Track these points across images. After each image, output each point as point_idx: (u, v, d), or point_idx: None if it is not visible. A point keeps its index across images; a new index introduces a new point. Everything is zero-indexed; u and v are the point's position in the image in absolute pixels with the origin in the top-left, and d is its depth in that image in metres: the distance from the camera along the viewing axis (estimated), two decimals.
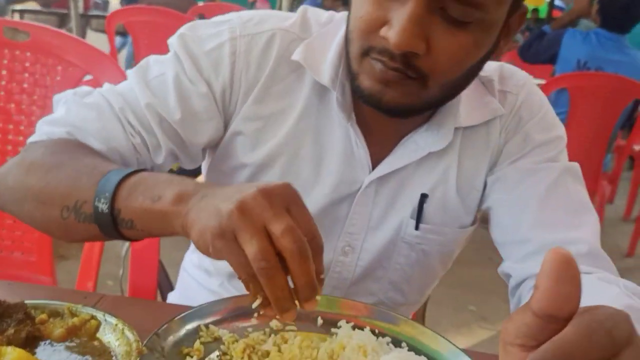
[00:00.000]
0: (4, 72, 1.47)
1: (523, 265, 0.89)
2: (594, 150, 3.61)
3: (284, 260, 0.59)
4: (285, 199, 0.62)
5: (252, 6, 7.33)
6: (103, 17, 5.72)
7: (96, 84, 1.37)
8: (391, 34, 0.74)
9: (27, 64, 1.47)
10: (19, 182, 0.82)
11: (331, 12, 0.99)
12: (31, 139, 0.90)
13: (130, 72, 0.93)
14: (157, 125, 0.89)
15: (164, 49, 0.95)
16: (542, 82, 3.38)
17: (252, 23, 0.93)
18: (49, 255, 1.49)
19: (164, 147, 0.90)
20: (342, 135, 0.92)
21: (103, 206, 0.72)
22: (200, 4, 5.77)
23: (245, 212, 0.59)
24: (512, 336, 0.44)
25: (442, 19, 0.75)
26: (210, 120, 0.92)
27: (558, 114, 3.23)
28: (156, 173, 0.75)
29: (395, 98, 0.81)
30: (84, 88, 0.93)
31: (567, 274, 0.41)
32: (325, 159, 0.94)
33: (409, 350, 0.73)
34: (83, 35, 5.60)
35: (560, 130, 0.99)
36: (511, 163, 0.95)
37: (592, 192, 3.91)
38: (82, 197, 0.75)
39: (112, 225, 0.72)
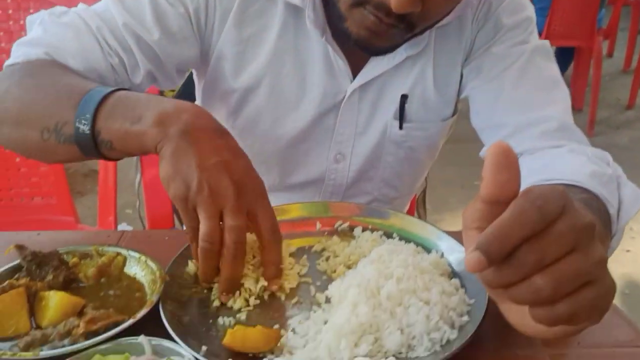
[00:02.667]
0: None
1: None
2: (587, 7, 3.55)
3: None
4: (253, 197, 0.68)
5: None
6: None
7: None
8: None
9: (10, 12, 1.49)
10: None
11: None
12: (8, 62, 0.90)
13: None
14: (134, 44, 0.91)
15: None
16: None
17: None
18: (67, 195, 1.57)
19: (142, 67, 0.93)
20: (320, 50, 0.96)
21: (84, 127, 0.73)
22: None
23: (211, 193, 0.65)
24: (469, 221, 0.50)
25: None
26: (185, 40, 0.95)
27: None
28: (136, 93, 0.77)
29: (382, 44, 0.87)
30: (59, 8, 0.93)
31: (505, 162, 0.47)
32: (307, 75, 0.98)
33: (399, 240, 0.82)
34: None
35: (529, 10, 1.02)
36: (484, 51, 0.99)
37: (588, 50, 3.89)
38: (62, 119, 0.76)
39: (93, 145, 0.74)
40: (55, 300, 0.67)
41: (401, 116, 1.01)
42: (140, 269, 0.75)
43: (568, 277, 0.45)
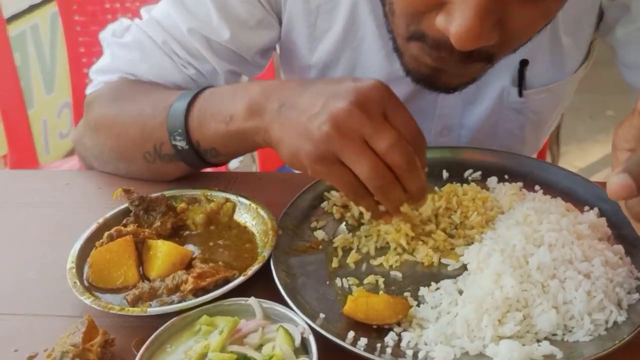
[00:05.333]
0: None
1: None
2: None
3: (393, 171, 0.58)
4: (380, 104, 0.58)
5: None
6: None
7: None
8: (452, 29, 0.54)
9: None
10: (93, 143, 0.82)
11: None
12: (89, 90, 0.88)
13: None
14: (206, 49, 0.82)
15: None
16: None
17: None
18: None
19: (221, 70, 0.85)
20: None
21: (181, 143, 0.71)
22: None
23: (343, 132, 0.56)
24: (622, 140, 0.44)
25: None
26: (260, 24, 0.83)
27: None
28: (216, 89, 0.72)
29: (451, 80, 0.67)
30: (121, 24, 0.87)
31: None
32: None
33: (544, 194, 0.70)
34: None
35: None
36: None
37: None
38: (158, 140, 0.73)
39: (197, 157, 0.72)
40: (163, 251, 0.62)
41: (520, 83, 0.85)
42: (250, 217, 0.70)
43: None
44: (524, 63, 0.83)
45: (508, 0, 0.55)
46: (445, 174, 0.76)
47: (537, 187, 0.71)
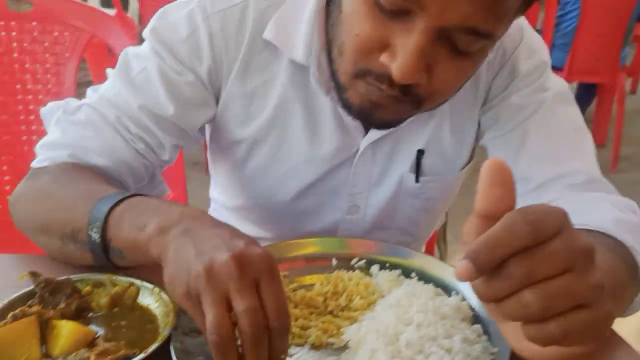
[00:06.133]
0: (14, 45, 1.51)
1: (526, 201, 0.90)
2: (610, 44, 3.54)
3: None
4: (258, 270, 0.58)
5: None
6: None
7: (104, 44, 1.42)
8: (395, 66, 0.70)
9: (36, 33, 1.50)
10: (26, 211, 0.84)
11: None
12: (35, 164, 0.90)
13: (111, 73, 0.92)
14: (154, 125, 0.89)
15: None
16: None
17: None
18: None
19: (167, 144, 0.91)
20: (330, 104, 0.91)
21: (95, 235, 0.73)
22: None
23: (211, 278, 0.57)
24: (465, 235, 0.50)
25: (446, 49, 0.71)
26: (204, 104, 0.92)
27: (571, 10, 3.20)
28: (147, 199, 0.74)
29: (386, 116, 0.81)
30: (72, 103, 0.92)
31: (500, 178, 0.48)
32: (318, 129, 0.93)
33: (418, 280, 0.80)
34: None
35: (544, 53, 0.98)
36: (502, 100, 0.95)
37: (611, 87, 3.87)
38: (77, 225, 0.76)
39: (103, 254, 0.74)
40: (67, 330, 0.65)
41: (417, 170, 0.98)
42: (153, 300, 0.74)
43: (559, 296, 0.46)
44: (420, 152, 0.97)
45: (438, 52, 0.71)
46: (334, 262, 0.84)
47: (412, 274, 0.81)
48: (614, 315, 0.50)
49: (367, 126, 0.93)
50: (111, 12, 3.46)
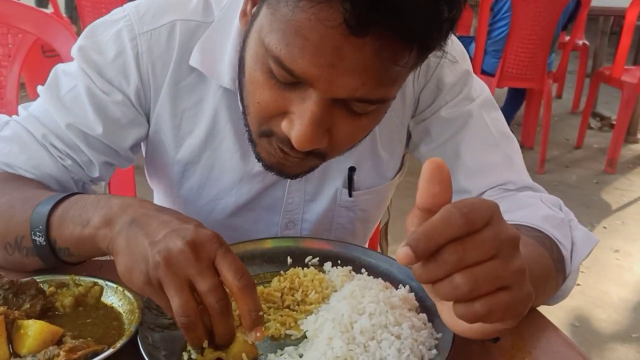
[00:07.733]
0: None
1: None
2: (538, 51, 3.72)
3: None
4: (211, 250, 0.64)
5: None
6: None
7: (49, 47, 1.41)
8: (293, 134, 0.72)
9: None
10: None
11: None
12: None
13: (41, 90, 0.92)
14: (82, 142, 0.90)
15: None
16: None
17: (149, 16, 0.90)
18: None
19: (96, 162, 0.92)
20: None
21: (40, 239, 0.76)
22: None
23: (170, 267, 0.62)
24: (409, 225, 0.57)
25: (343, 111, 0.73)
26: (132, 123, 0.93)
27: (502, 18, 3.35)
28: (85, 196, 0.77)
29: (294, 171, 0.84)
30: (1, 118, 0.93)
31: (439, 176, 0.54)
32: (249, 149, 0.91)
33: (368, 275, 0.86)
34: None
35: (466, 62, 1.01)
36: (432, 113, 0.99)
37: (539, 91, 4.07)
38: (20, 233, 0.78)
39: (52, 254, 0.77)
40: (34, 329, 0.67)
41: (350, 185, 1.02)
42: (117, 298, 0.77)
43: (485, 279, 0.52)
44: (352, 169, 1.01)
45: (335, 115, 0.73)
46: (289, 260, 0.89)
47: (362, 270, 0.87)
48: (533, 297, 0.57)
49: None
50: (47, 11, 3.38)
